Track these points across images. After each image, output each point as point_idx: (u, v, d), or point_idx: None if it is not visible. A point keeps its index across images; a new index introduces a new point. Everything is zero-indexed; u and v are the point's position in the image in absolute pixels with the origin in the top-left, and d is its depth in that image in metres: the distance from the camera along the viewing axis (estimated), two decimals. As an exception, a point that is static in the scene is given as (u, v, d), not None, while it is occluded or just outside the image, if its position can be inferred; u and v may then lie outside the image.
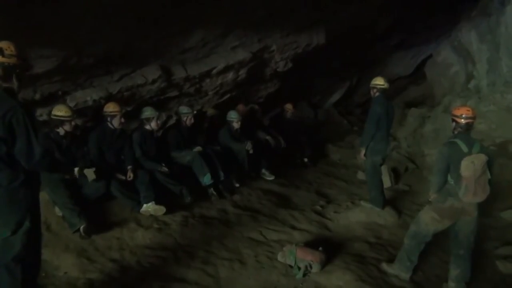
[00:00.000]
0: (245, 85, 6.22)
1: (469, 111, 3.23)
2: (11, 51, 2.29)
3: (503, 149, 5.81)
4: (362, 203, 5.03)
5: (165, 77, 4.72)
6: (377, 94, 4.70)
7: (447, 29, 8.38)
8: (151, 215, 4.23)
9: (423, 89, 10.73)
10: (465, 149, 3.10)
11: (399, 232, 4.27)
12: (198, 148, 5.27)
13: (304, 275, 3.37)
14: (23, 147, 2.27)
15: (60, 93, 4.11)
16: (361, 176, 6.54)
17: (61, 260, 3.37)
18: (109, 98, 4.47)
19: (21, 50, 2.37)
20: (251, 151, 5.89)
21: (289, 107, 7.56)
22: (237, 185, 5.51)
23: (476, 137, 3.35)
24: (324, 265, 3.50)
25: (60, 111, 3.90)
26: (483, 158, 3.04)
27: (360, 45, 8.17)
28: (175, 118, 5.73)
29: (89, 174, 3.93)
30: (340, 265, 3.57)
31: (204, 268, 3.46)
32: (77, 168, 3.92)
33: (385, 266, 3.59)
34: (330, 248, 3.80)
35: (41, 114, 4.13)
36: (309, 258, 3.44)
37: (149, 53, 4.38)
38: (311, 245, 3.74)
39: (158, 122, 4.95)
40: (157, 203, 4.26)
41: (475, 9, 7.27)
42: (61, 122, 3.92)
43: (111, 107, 4.38)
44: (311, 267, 3.40)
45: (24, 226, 2.34)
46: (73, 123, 4.03)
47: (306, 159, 7.41)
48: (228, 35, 4.78)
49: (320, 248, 3.63)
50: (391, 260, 3.64)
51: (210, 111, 6.22)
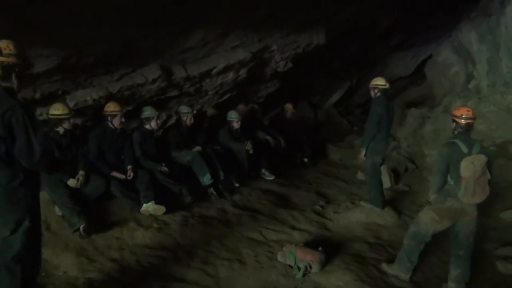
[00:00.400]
0: (245, 85, 6.22)
1: (469, 111, 3.23)
2: (10, 50, 2.28)
3: (503, 150, 5.81)
4: (362, 203, 5.03)
5: (165, 77, 4.72)
6: (378, 94, 4.70)
7: (447, 29, 8.37)
8: (151, 215, 4.23)
9: (423, 89, 10.73)
10: (465, 149, 3.10)
11: (399, 232, 4.27)
12: (198, 148, 5.28)
13: (303, 275, 3.37)
14: (23, 146, 2.26)
15: (60, 92, 4.11)
16: (361, 176, 6.54)
17: (60, 259, 3.37)
18: (109, 97, 4.47)
19: (21, 49, 2.36)
20: (251, 151, 5.90)
21: (289, 107, 7.56)
22: (237, 185, 5.51)
23: (476, 138, 3.35)
24: (323, 265, 3.50)
25: (57, 110, 3.90)
26: (483, 158, 3.04)
27: (360, 45, 8.16)
28: (175, 117, 5.73)
29: (72, 183, 3.95)
30: (339, 265, 3.57)
31: (203, 268, 3.46)
32: (78, 176, 3.97)
33: (384, 266, 3.59)
34: (329, 248, 3.79)
35: (41, 113, 4.13)
36: (309, 258, 3.44)
37: (149, 53, 4.38)
38: (310, 245, 3.73)
39: (158, 121, 4.95)
40: (157, 203, 4.27)
41: (475, 9, 7.27)
42: (59, 120, 3.92)
43: (111, 107, 4.38)
44: (310, 267, 3.40)
45: (23, 225, 2.34)
46: (71, 121, 4.02)
47: (306, 159, 7.41)
48: (228, 35, 4.78)
49: (319, 248, 3.63)
50: (390, 260, 3.64)
51: (210, 111, 6.22)
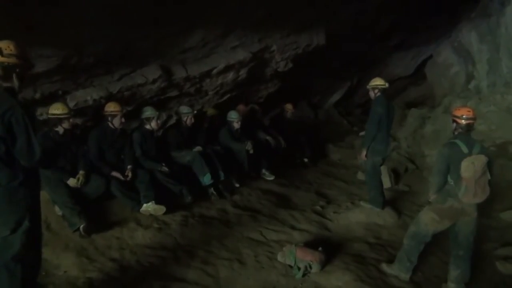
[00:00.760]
0: (245, 85, 6.22)
1: (469, 112, 3.23)
2: (11, 50, 2.28)
3: (503, 150, 5.81)
4: (362, 203, 5.03)
5: (165, 77, 4.72)
6: (378, 94, 4.70)
7: (447, 29, 8.38)
8: (151, 215, 4.24)
9: (423, 89, 10.73)
10: (465, 150, 3.10)
11: (399, 232, 4.27)
12: (198, 148, 5.28)
13: (303, 275, 3.37)
14: (24, 146, 2.27)
15: (60, 92, 4.11)
16: (361, 176, 6.54)
17: (61, 259, 3.37)
18: (110, 97, 4.47)
19: (22, 49, 2.36)
20: (251, 151, 5.90)
21: (289, 107, 7.56)
22: (237, 185, 5.52)
23: (476, 138, 3.35)
24: (323, 265, 3.50)
25: (57, 110, 3.90)
26: (483, 159, 3.04)
27: (360, 45, 8.16)
28: (175, 118, 5.73)
29: (72, 183, 3.95)
30: (339, 265, 3.57)
31: (203, 268, 3.46)
32: (78, 176, 3.98)
33: (384, 266, 3.59)
34: (329, 248, 3.80)
35: (41, 113, 4.13)
36: (309, 258, 3.44)
37: (149, 53, 4.38)
38: (310, 245, 3.73)
39: (158, 122, 4.96)
40: (157, 203, 4.27)
41: (475, 9, 7.27)
42: (59, 120, 3.92)
43: (111, 107, 4.39)
44: (310, 267, 3.40)
45: (23, 225, 2.34)
46: (71, 120, 4.02)
47: (306, 159, 7.42)
48: (228, 35, 4.78)
49: (319, 248, 3.63)
50: (390, 260, 3.64)
51: (210, 111, 6.22)
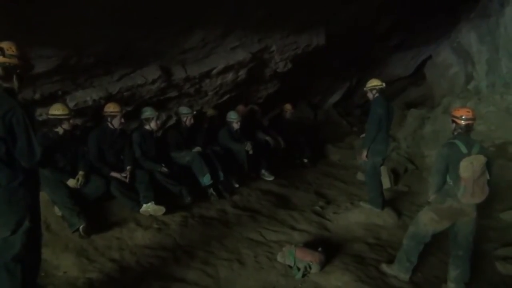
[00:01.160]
0: (244, 86, 6.23)
1: (469, 112, 3.24)
2: (13, 51, 2.30)
3: (503, 150, 5.82)
4: (361, 204, 5.03)
5: (165, 77, 4.72)
6: (376, 95, 4.72)
7: (446, 30, 8.38)
8: (151, 215, 4.23)
9: (422, 90, 10.74)
10: (464, 150, 3.11)
11: (399, 233, 4.27)
12: (197, 148, 5.29)
13: (303, 275, 3.37)
14: (24, 146, 2.27)
15: (60, 93, 4.11)
16: (360, 177, 6.54)
17: (60, 259, 3.37)
18: (109, 98, 4.47)
19: (23, 50, 2.37)
20: (250, 152, 5.90)
21: (288, 107, 7.56)
22: (237, 186, 5.52)
23: (475, 138, 3.35)
24: (323, 265, 3.50)
25: (57, 110, 3.90)
26: (482, 159, 3.04)
27: (360, 45, 8.17)
28: (175, 118, 5.73)
29: (71, 183, 3.95)
30: (339, 265, 3.58)
31: (203, 268, 3.47)
32: (78, 176, 3.98)
33: (384, 267, 3.59)
34: (329, 248, 3.80)
35: (41, 114, 4.13)
36: (308, 258, 3.44)
37: (149, 53, 4.38)
38: (310, 245, 3.74)
39: (157, 122, 4.96)
40: (156, 203, 4.27)
41: (475, 10, 7.28)
42: (59, 121, 3.92)
43: (111, 107, 4.38)
44: (310, 268, 3.41)
45: (23, 225, 2.34)
46: (71, 121, 4.02)
47: (305, 160, 7.43)
48: (228, 35, 4.78)
49: (319, 248, 3.63)
50: (390, 261, 3.64)
51: (209, 112, 6.22)
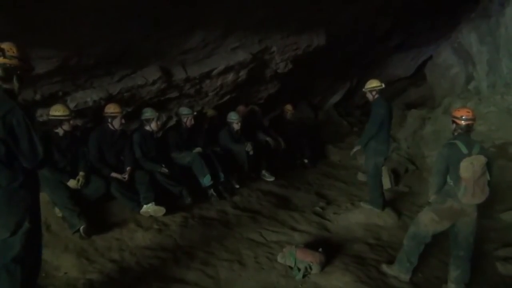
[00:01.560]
0: (245, 86, 6.23)
1: (469, 112, 3.24)
2: (13, 52, 2.29)
3: (503, 151, 5.81)
4: (362, 204, 5.04)
5: (165, 78, 4.72)
6: (376, 96, 4.73)
7: (447, 30, 8.38)
8: (151, 216, 4.23)
9: (423, 90, 10.75)
10: (464, 150, 3.11)
11: (399, 233, 4.28)
12: (198, 149, 5.28)
13: (303, 276, 3.37)
14: (26, 147, 2.27)
15: (60, 93, 4.12)
16: (361, 177, 6.55)
17: (61, 260, 3.37)
18: (109, 99, 4.47)
19: (24, 51, 2.37)
20: (251, 152, 5.90)
21: (288, 108, 7.56)
22: (237, 186, 5.51)
23: (476, 139, 3.36)
24: (323, 266, 3.50)
25: (57, 111, 3.90)
26: (483, 159, 3.04)
27: (360, 46, 8.17)
28: (175, 119, 5.74)
29: (72, 184, 3.95)
30: (339, 266, 3.58)
31: (203, 269, 3.47)
32: (78, 177, 3.98)
33: (384, 267, 3.59)
34: (329, 249, 3.80)
35: (41, 114, 4.13)
36: (309, 259, 3.44)
37: (149, 54, 4.39)
38: (310, 246, 3.74)
39: (158, 123, 4.96)
40: (157, 204, 4.27)
41: (475, 10, 7.27)
42: (59, 122, 3.92)
43: (111, 108, 4.39)
44: (310, 268, 3.40)
45: (23, 227, 2.34)
46: (71, 122, 4.02)
47: (306, 160, 7.42)
48: (228, 36, 4.78)
49: (319, 249, 3.63)
50: (390, 261, 3.64)
51: (210, 112, 6.22)
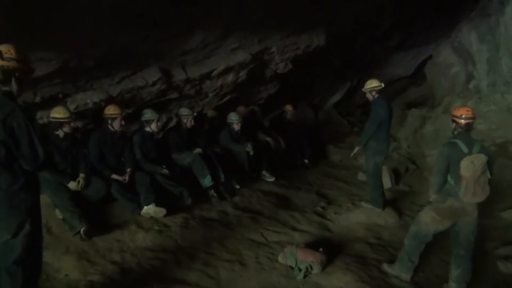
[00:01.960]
0: (245, 87, 6.22)
1: (468, 111, 3.24)
2: (11, 54, 2.29)
3: (504, 150, 5.81)
4: (362, 204, 5.04)
5: (165, 79, 4.72)
6: (376, 95, 4.73)
7: (447, 29, 8.38)
8: (152, 217, 4.23)
9: (423, 89, 10.75)
10: (465, 149, 3.11)
11: (400, 232, 4.27)
12: (198, 150, 5.29)
13: (304, 276, 3.37)
14: (27, 149, 2.27)
15: (60, 95, 4.12)
16: (361, 177, 6.54)
17: (62, 262, 3.37)
18: (110, 100, 4.47)
19: (22, 54, 2.36)
20: (251, 153, 5.90)
21: (289, 108, 7.56)
22: (238, 187, 5.52)
23: (476, 138, 3.35)
24: (324, 266, 3.50)
25: (58, 113, 3.90)
26: (483, 158, 3.04)
27: (360, 46, 8.17)
28: (175, 120, 5.73)
29: (72, 186, 3.95)
30: (340, 266, 3.58)
31: (204, 269, 3.47)
32: (79, 179, 3.98)
33: (385, 266, 3.59)
34: (330, 249, 3.80)
35: (42, 117, 4.13)
36: (310, 259, 3.44)
37: (149, 55, 4.39)
38: (311, 246, 3.74)
39: (158, 124, 4.96)
40: (157, 205, 4.27)
41: (475, 9, 7.28)
42: (60, 124, 3.92)
43: (111, 110, 4.39)
44: (311, 268, 3.40)
45: (24, 229, 2.34)
46: (72, 124, 4.03)
47: (306, 160, 7.42)
48: (228, 36, 4.78)
49: (320, 249, 3.63)
50: (391, 260, 3.64)
51: (210, 113, 6.23)
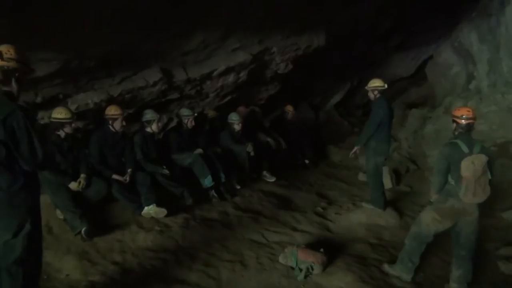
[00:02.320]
0: (246, 87, 6.23)
1: (469, 111, 3.25)
2: (11, 54, 2.29)
3: (504, 150, 5.80)
4: (363, 204, 5.04)
5: (166, 80, 4.73)
6: (378, 95, 4.73)
7: (447, 29, 8.37)
8: (153, 218, 4.24)
9: (424, 90, 10.73)
10: (465, 149, 3.11)
11: (400, 233, 4.27)
12: (199, 150, 5.29)
13: (305, 276, 3.37)
14: (26, 149, 2.28)
15: (61, 96, 4.13)
16: (362, 177, 6.54)
17: (63, 262, 3.37)
18: (110, 100, 4.47)
19: (22, 54, 2.37)
20: (252, 153, 5.90)
21: (289, 108, 7.56)
22: (238, 187, 5.52)
23: (477, 138, 3.35)
24: (325, 266, 3.50)
25: (60, 114, 3.91)
26: (483, 158, 3.04)
27: (360, 46, 8.17)
28: (176, 120, 5.74)
29: (73, 186, 3.96)
30: (341, 266, 3.58)
31: (205, 270, 3.47)
32: (79, 179, 3.99)
33: (386, 267, 3.59)
34: (331, 249, 3.79)
35: (43, 117, 4.14)
36: (311, 259, 3.44)
37: (150, 56, 4.39)
38: (312, 246, 3.74)
39: (159, 124, 4.97)
40: (158, 205, 4.28)
41: (476, 9, 7.26)
42: (61, 124, 3.93)
43: (112, 110, 4.39)
44: (312, 269, 3.41)
45: (25, 228, 2.34)
46: (73, 125, 4.04)
47: (307, 161, 7.42)
48: (228, 37, 4.79)
49: (321, 249, 3.63)
50: (392, 261, 3.64)
51: (211, 113, 6.23)
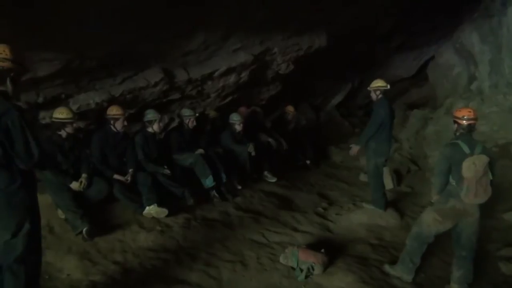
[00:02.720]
0: (247, 88, 6.24)
1: (470, 112, 3.24)
2: (6, 54, 2.29)
3: (506, 151, 5.79)
4: (364, 205, 5.03)
5: (167, 80, 4.74)
6: (380, 96, 4.73)
7: (449, 30, 8.36)
8: (154, 218, 4.24)
9: (425, 90, 10.73)
10: (467, 150, 3.11)
11: (401, 233, 4.27)
12: (200, 150, 5.29)
13: (306, 277, 3.37)
14: (21, 148, 2.28)
15: (63, 96, 4.14)
16: (363, 178, 6.54)
17: (64, 262, 3.38)
18: (112, 101, 4.49)
19: (18, 54, 2.36)
20: (253, 153, 5.90)
21: (290, 109, 7.55)
22: (239, 187, 5.52)
23: (478, 139, 3.35)
24: (326, 267, 3.50)
25: (61, 114, 3.91)
26: (485, 159, 3.04)
27: (361, 46, 8.16)
28: (177, 120, 5.75)
29: (74, 186, 3.97)
30: (342, 267, 3.57)
31: (206, 270, 3.47)
32: (81, 179, 4.00)
33: (387, 267, 3.59)
34: (332, 250, 3.79)
35: (44, 117, 4.15)
36: (311, 260, 3.44)
37: (151, 56, 4.41)
38: (313, 247, 3.74)
39: (160, 124, 4.97)
40: (159, 206, 4.28)
41: (477, 10, 7.26)
42: (62, 124, 3.93)
43: (114, 110, 4.40)
44: (313, 269, 3.40)
45: (24, 227, 2.35)
46: (74, 125, 4.04)
47: (308, 161, 7.42)
48: (229, 37, 4.79)
49: (322, 250, 3.63)
50: (393, 261, 3.64)
51: (212, 114, 6.23)
